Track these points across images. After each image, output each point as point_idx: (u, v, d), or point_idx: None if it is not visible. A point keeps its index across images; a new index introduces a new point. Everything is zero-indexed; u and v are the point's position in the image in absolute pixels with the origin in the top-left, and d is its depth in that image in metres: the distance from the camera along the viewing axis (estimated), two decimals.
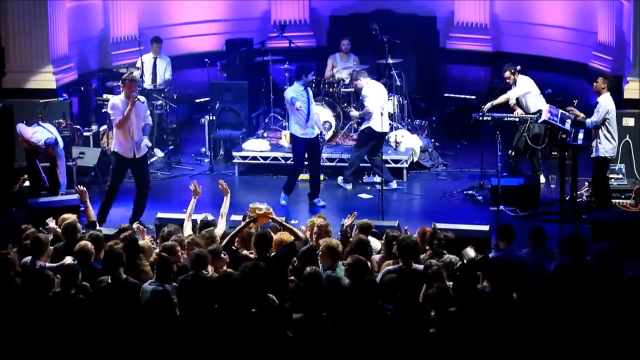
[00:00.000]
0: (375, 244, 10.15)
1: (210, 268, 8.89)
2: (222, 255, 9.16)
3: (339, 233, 10.54)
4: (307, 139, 13.86)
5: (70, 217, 10.35)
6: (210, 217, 10.69)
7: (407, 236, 9.60)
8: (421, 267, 8.99)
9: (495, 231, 10.29)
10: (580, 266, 8.92)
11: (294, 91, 13.80)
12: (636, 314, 8.01)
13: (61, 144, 13.63)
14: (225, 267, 9.07)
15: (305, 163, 14.10)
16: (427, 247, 9.71)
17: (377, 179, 14.25)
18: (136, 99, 12.64)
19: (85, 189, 11.06)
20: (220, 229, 10.44)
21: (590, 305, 8.12)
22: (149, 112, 13.18)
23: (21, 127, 13.64)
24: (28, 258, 9.43)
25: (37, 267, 9.15)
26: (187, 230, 10.46)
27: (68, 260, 9.25)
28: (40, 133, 13.55)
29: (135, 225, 10.69)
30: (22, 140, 13.68)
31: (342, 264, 9.11)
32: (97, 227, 10.58)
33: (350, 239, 9.73)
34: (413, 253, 9.11)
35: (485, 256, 9.35)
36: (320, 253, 9.30)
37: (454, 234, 9.83)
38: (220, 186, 10.95)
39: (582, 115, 13.21)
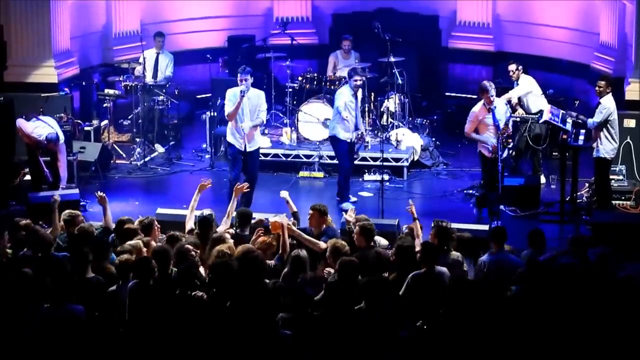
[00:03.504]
0: (382, 241, 10.15)
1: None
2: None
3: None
4: (348, 142, 13.85)
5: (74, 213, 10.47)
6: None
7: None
8: (444, 269, 8.97)
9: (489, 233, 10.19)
10: (583, 266, 8.94)
11: (344, 96, 13.63)
12: (628, 312, 8.02)
13: (62, 138, 13.59)
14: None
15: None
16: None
17: None
18: (243, 94, 12.77)
19: (104, 194, 10.90)
20: (223, 227, 10.48)
21: (588, 305, 8.13)
22: (264, 107, 13.20)
23: (21, 122, 13.60)
24: None
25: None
26: (190, 224, 10.52)
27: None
28: (41, 128, 13.49)
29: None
30: (22, 135, 13.65)
31: None
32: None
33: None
34: (435, 256, 9.10)
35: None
36: (327, 255, 9.27)
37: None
38: (236, 191, 11.06)
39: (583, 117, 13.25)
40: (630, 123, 14.26)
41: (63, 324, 8.03)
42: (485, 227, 11.40)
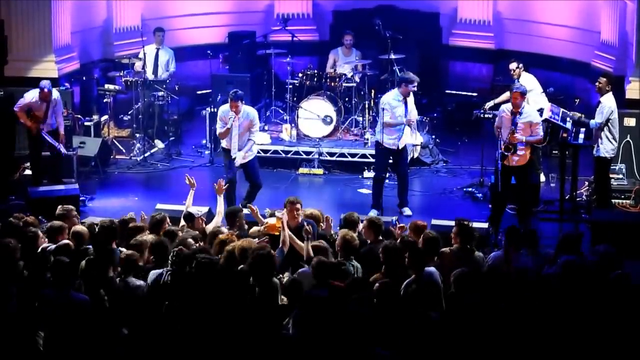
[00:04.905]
0: None
1: None
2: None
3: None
4: (389, 148, 13.35)
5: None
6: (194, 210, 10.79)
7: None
8: (432, 269, 8.94)
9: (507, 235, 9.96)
10: (583, 264, 8.92)
11: (387, 100, 13.29)
12: (620, 312, 8.02)
13: (57, 94, 13.79)
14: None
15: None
16: (456, 242, 9.71)
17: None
18: (233, 120, 12.72)
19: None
20: (213, 224, 10.51)
21: (592, 304, 8.13)
22: (256, 128, 13.11)
23: (19, 103, 13.70)
24: None
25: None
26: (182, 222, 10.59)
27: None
28: (33, 91, 13.66)
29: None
30: (21, 115, 13.67)
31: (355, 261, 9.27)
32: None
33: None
34: (423, 259, 9.02)
35: None
36: (337, 246, 9.40)
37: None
38: (217, 185, 11.09)
39: (582, 115, 13.22)
40: (630, 122, 14.25)
41: (66, 310, 8.06)
42: (484, 225, 11.41)
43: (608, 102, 12.81)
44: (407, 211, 13.26)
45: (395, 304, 8.23)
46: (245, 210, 10.96)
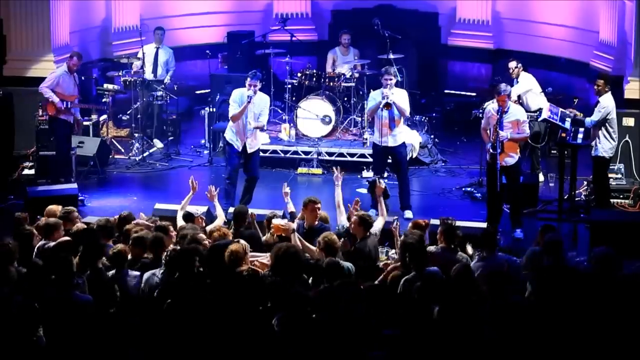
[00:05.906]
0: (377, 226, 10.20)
1: None
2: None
3: (337, 228, 10.59)
4: (382, 146, 13.28)
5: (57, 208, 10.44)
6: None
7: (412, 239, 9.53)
8: (435, 268, 8.91)
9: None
10: (559, 268, 8.90)
11: (376, 93, 13.27)
12: (628, 311, 8.01)
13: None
14: None
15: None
16: (441, 241, 9.67)
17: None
18: (250, 99, 12.66)
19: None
20: (212, 226, 10.52)
21: (579, 307, 8.11)
22: (266, 111, 13.06)
23: (46, 80, 14.01)
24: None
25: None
26: (180, 222, 10.57)
27: None
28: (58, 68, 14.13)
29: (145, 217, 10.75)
30: (47, 91, 13.87)
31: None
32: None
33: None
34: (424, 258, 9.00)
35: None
36: (320, 248, 9.35)
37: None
38: (208, 194, 11.05)
39: (581, 114, 13.22)
40: (629, 122, 14.26)
41: (69, 311, 8.07)
42: (483, 225, 11.41)
43: (606, 102, 12.83)
44: (407, 214, 13.19)
45: (392, 303, 8.25)
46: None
